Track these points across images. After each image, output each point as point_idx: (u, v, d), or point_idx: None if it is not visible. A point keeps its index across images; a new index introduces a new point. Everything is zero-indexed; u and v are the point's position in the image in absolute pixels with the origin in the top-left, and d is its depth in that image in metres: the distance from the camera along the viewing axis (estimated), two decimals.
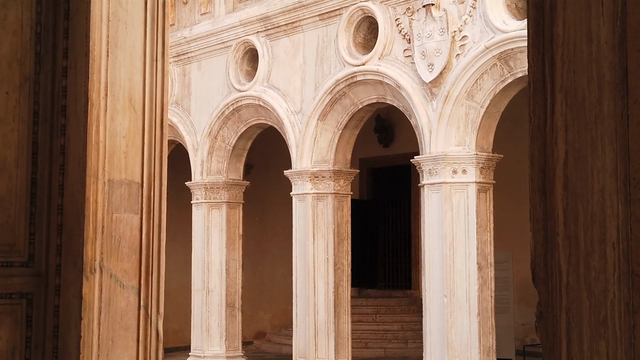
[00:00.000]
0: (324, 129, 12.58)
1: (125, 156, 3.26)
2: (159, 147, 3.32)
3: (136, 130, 3.29)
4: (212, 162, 14.50)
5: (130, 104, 3.27)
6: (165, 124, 3.35)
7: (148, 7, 3.32)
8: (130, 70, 3.28)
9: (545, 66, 1.77)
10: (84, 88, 3.20)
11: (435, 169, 10.90)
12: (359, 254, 15.90)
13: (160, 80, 3.32)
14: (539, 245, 1.80)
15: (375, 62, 11.65)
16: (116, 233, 3.23)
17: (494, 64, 10.47)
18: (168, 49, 3.33)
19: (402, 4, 11.41)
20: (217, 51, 14.20)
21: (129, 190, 3.26)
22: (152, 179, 3.31)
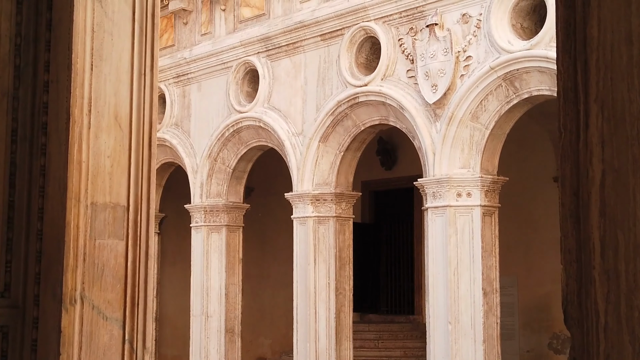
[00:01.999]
0: (326, 151, 12.36)
1: (110, 177, 3.01)
2: (147, 168, 3.07)
3: (122, 150, 3.05)
4: (212, 185, 14.27)
5: (116, 121, 3.03)
6: (153, 142, 3.11)
7: (136, 17, 3.08)
8: (116, 84, 3.04)
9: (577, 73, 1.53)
10: (65, 104, 2.96)
11: (439, 192, 10.66)
12: (361, 278, 15.63)
13: (149, 96, 3.08)
14: (571, 280, 1.55)
15: (377, 83, 11.45)
16: (99, 260, 2.98)
17: (499, 84, 10.26)
18: (157, 62, 3.09)
19: (405, 24, 11.22)
20: (218, 72, 14.02)
21: (113, 214, 3.02)
22: (139, 202, 3.06)
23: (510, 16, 10.19)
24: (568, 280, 1.57)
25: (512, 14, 10.19)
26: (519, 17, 10.26)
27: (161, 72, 14.99)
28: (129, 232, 3.06)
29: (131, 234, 3.07)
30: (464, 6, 10.57)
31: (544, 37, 9.73)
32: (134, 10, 3.09)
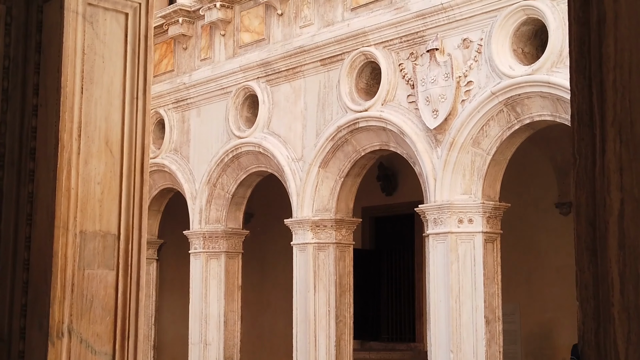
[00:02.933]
0: (326, 177, 12.25)
1: (100, 205, 2.90)
2: (139, 195, 2.96)
3: (113, 176, 2.94)
4: (211, 211, 14.15)
5: (107, 147, 2.92)
6: (146, 168, 2.99)
7: (129, 39, 2.98)
8: (108, 108, 2.94)
9: (593, 95, 1.42)
10: (54, 128, 2.85)
11: (440, 218, 10.54)
12: (362, 305, 15.46)
13: (142, 120, 2.98)
14: (588, 318, 1.43)
15: (378, 108, 11.36)
16: (88, 292, 2.86)
17: (500, 110, 10.17)
18: (150, 86, 2.99)
19: (406, 49, 11.16)
20: (217, 97, 13.95)
21: (103, 243, 2.90)
22: (130, 230, 2.94)
23: (511, 41, 10.12)
24: (585, 319, 1.45)
25: (513, 38, 10.13)
26: (520, 42, 10.20)
27: (160, 97, 14.93)
28: (120, 261, 2.95)
29: (122, 263, 2.95)
30: (465, 31, 10.51)
31: (546, 62, 9.65)
32: (126, 31, 3.00)
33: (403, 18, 11.08)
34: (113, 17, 2.98)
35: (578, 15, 1.43)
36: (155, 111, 15.11)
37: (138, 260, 3.00)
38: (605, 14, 1.42)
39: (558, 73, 9.55)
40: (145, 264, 3.00)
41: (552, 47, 9.61)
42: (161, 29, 15.05)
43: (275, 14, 13.10)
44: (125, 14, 3.00)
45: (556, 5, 9.64)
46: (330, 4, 12.24)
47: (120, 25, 3.00)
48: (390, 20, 11.22)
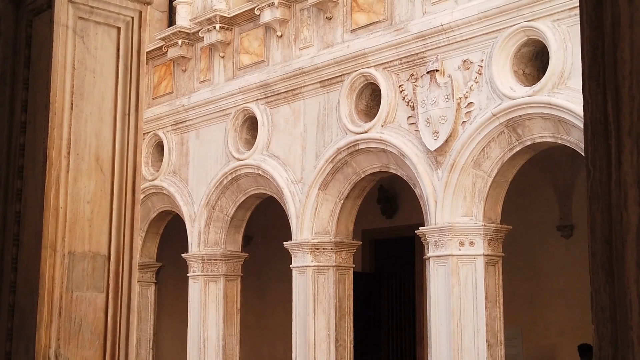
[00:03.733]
0: (325, 199, 12.14)
1: (90, 224, 2.79)
2: (130, 214, 2.86)
3: (103, 195, 2.83)
4: (210, 233, 14.03)
5: (97, 164, 2.82)
6: (137, 187, 2.89)
7: (120, 54, 2.89)
8: (98, 125, 2.84)
9: (607, 103, 1.33)
10: (42, 145, 2.75)
11: (441, 240, 10.42)
12: (362, 329, 15.30)
13: (133, 137, 2.88)
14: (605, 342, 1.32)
15: (378, 130, 11.28)
16: (76, 315, 2.74)
17: (501, 131, 10.09)
18: (143, 102, 2.89)
19: (406, 70, 11.09)
20: (216, 119, 13.88)
21: (93, 264, 2.79)
22: (121, 251, 2.83)
23: (512, 62, 10.05)
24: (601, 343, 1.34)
25: (513, 60, 10.06)
26: (521, 64, 10.13)
27: (159, 119, 14.87)
28: (110, 283, 2.84)
29: (112, 285, 2.84)
30: (465, 52, 10.45)
31: (547, 83, 9.58)
32: (118, 46, 2.91)
33: (403, 39, 11.03)
34: (105, 31, 2.90)
35: (591, 18, 1.33)
36: (154, 133, 15.04)
37: (129, 282, 2.88)
38: (620, 16, 1.32)
39: (559, 94, 9.47)
40: (137, 286, 2.89)
41: (553, 68, 9.54)
42: (160, 51, 15.03)
43: (274, 35, 13.06)
44: (117, 28, 2.91)
45: (557, 27, 9.58)
46: (330, 26, 12.20)
47: (112, 39, 2.91)
48: (390, 41, 11.17)
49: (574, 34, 9.48)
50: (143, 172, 15.20)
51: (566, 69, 9.50)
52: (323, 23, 12.31)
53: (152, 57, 15.41)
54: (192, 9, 14.63)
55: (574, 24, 9.47)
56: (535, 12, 9.76)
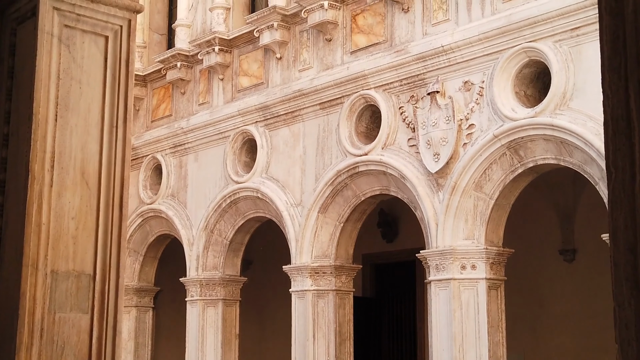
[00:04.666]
0: (325, 222, 12.00)
1: (74, 242, 2.65)
2: (117, 231, 2.72)
3: (89, 210, 2.70)
4: (208, 257, 13.88)
5: (83, 179, 2.68)
6: (125, 203, 2.76)
7: (108, 63, 2.77)
8: (84, 137, 2.71)
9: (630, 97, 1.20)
10: (25, 158, 2.62)
11: (442, 264, 10.27)
12: (362, 354, 15.09)
13: (121, 151, 2.75)
14: None
15: (378, 152, 11.16)
16: (59, 337, 2.60)
17: (503, 153, 9.97)
18: (131, 114, 2.76)
19: (406, 92, 11.00)
20: (215, 142, 13.78)
21: (77, 283, 2.65)
22: (107, 270, 2.69)
23: (513, 83, 9.96)
24: None
25: (515, 81, 9.96)
26: (523, 85, 10.03)
27: (158, 142, 14.77)
28: (95, 304, 2.69)
29: (97, 306, 2.69)
30: (466, 74, 10.35)
31: (549, 104, 9.47)
32: (106, 55, 2.78)
33: (403, 61, 10.94)
34: (92, 40, 2.78)
35: (610, 5, 1.21)
36: (153, 156, 14.94)
37: (115, 303, 2.74)
38: None
39: (562, 115, 9.36)
40: (124, 307, 2.74)
41: (555, 89, 9.44)
42: (159, 73, 14.96)
43: (274, 57, 12.98)
44: (105, 37, 2.80)
45: (558, 47, 9.49)
46: (330, 48, 12.12)
47: (100, 48, 2.79)
48: (390, 63, 11.08)
49: (575, 54, 9.39)
50: (141, 195, 15.07)
51: (568, 89, 9.39)
52: (323, 45, 12.23)
53: (151, 79, 15.35)
54: (192, 31, 14.57)
55: (576, 44, 9.39)
56: (536, 33, 9.68)
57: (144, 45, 15.67)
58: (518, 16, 9.81)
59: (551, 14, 9.50)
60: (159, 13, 15.98)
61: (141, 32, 15.71)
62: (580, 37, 9.35)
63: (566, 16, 9.39)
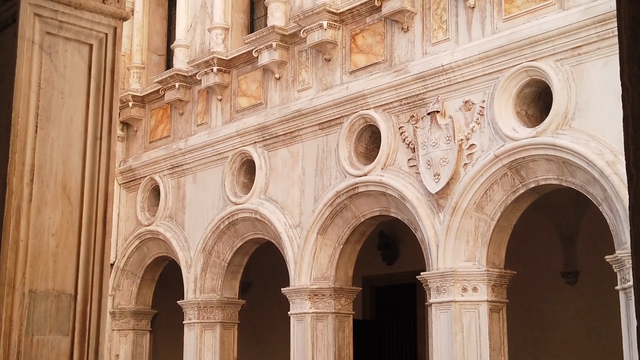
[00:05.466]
0: (324, 244, 11.85)
1: (54, 259, 2.51)
2: (100, 249, 2.57)
3: (70, 227, 2.56)
4: (206, 279, 13.71)
5: (64, 193, 2.55)
6: (109, 218, 2.62)
7: (93, 73, 2.64)
8: (66, 150, 2.58)
9: None
10: (2, 172, 2.48)
11: (443, 286, 10.11)
12: None
13: (105, 164, 2.61)
14: None
15: (378, 173, 11.03)
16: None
17: (504, 173, 9.83)
18: (116, 126, 2.63)
19: (406, 112, 10.88)
20: (213, 162, 13.66)
21: (57, 304, 2.50)
22: (89, 290, 2.55)
23: (514, 103, 9.84)
24: None
25: (516, 100, 9.85)
26: (524, 104, 9.92)
27: (156, 164, 14.65)
28: (76, 326, 2.55)
29: (78, 328, 2.55)
30: (466, 93, 10.25)
31: (551, 124, 9.35)
32: (90, 64, 2.66)
33: (403, 80, 10.84)
34: (75, 48, 2.65)
35: None
36: (150, 177, 14.82)
37: (97, 324, 2.60)
38: None
39: (564, 135, 9.24)
40: (106, 329, 2.59)
41: (557, 109, 9.32)
42: (157, 94, 14.87)
43: (273, 77, 12.89)
44: (89, 45, 2.67)
45: (560, 66, 9.38)
46: (329, 67, 12.03)
47: (84, 57, 2.66)
48: (390, 82, 10.98)
49: (577, 73, 9.28)
50: (139, 217, 14.93)
51: (570, 109, 9.28)
52: (322, 65, 12.14)
53: (149, 100, 15.26)
54: (190, 52, 14.49)
55: (577, 63, 9.29)
56: (537, 52, 9.58)
57: (142, 66, 15.60)
58: (519, 35, 9.72)
59: (552, 33, 9.40)
60: (157, 34, 15.92)
61: (140, 53, 15.65)
62: (581, 56, 9.24)
63: (567, 35, 9.30)
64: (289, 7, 12.77)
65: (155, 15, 15.91)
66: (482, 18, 10.25)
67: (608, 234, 9.40)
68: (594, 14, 9.04)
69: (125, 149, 15.63)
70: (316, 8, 11.78)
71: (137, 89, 15.28)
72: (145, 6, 15.77)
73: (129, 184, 15.34)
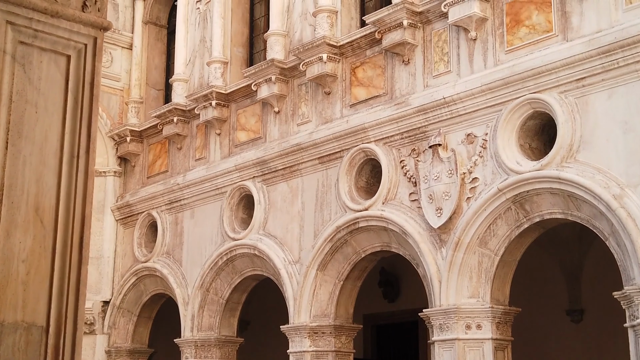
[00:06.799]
0: (324, 280, 11.60)
1: (25, 288, 2.29)
2: (75, 277, 2.35)
3: (43, 252, 2.34)
4: (204, 317, 13.43)
5: (37, 215, 2.33)
6: (85, 244, 2.40)
7: (70, 86, 2.44)
8: (40, 169, 2.37)
9: None
10: None
11: (446, 323, 9.84)
12: None
13: (82, 184, 2.40)
14: None
15: (378, 207, 10.82)
16: None
17: (508, 207, 9.62)
18: (95, 143, 2.43)
19: (407, 145, 10.70)
20: (212, 198, 13.45)
21: (26, 337, 2.28)
22: (62, 321, 2.32)
23: (517, 136, 9.66)
24: None
25: (519, 133, 9.67)
26: (527, 137, 9.74)
27: (153, 199, 14.45)
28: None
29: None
30: (469, 126, 10.07)
31: (555, 156, 9.15)
32: (67, 77, 2.46)
33: (404, 113, 10.67)
34: (51, 59, 2.46)
35: None
36: (148, 213, 14.61)
37: (72, 359, 2.36)
38: None
39: (569, 168, 9.04)
40: None
41: (562, 141, 9.13)
42: (155, 129, 14.72)
43: (272, 111, 12.73)
44: (66, 57, 2.48)
45: (564, 98, 9.21)
46: (329, 101, 11.88)
47: (60, 69, 2.47)
48: (391, 115, 10.82)
49: (582, 105, 9.11)
50: (136, 253, 14.69)
51: (575, 141, 9.09)
52: (321, 98, 11.99)
53: (147, 135, 15.11)
54: (189, 86, 14.37)
55: (582, 95, 9.12)
56: (540, 83, 9.41)
57: (140, 100, 15.48)
58: (521, 67, 9.56)
59: (556, 65, 9.25)
60: (156, 69, 15.81)
61: (138, 87, 15.54)
62: (586, 88, 9.08)
63: (571, 66, 9.14)
64: (288, 40, 12.66)
65: (154, 49, 15.81)
66: (484, 50, 10.11)
67: (613, 270, 9.18)
68: (598, 45, 8.89)
69: (122, 184, 15.45)
70: (316, 41, 11.65)
71: (135, 124, 15.14)
72: (144, 40, 15.68)
73: (126, 220, 15.13)
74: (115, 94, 15.63)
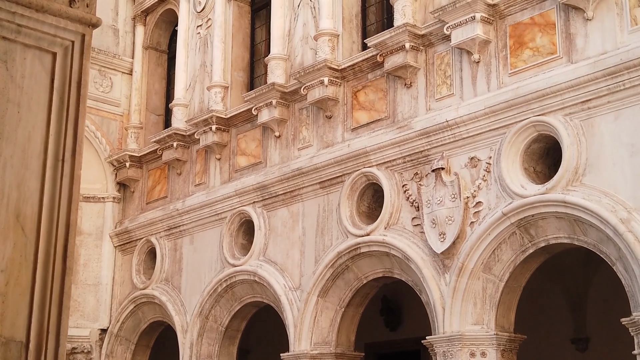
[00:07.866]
0: (325, 307, 11.39)
1: (3, 300, 2.12)
2: (59, 289, 2.18)
3: (24, 262, 2.17)
4: (203, 345, 13.20)
5: (17, 222, 2.17)
6: (70, 253, 2.23)
7: (56, 85, 2.29)
8: (21, 172, 2.20)
9: None
10: None
11: (450, 350, 9.63)
12: None
13: (67, 190, 2.24)
14: None
15: (380, 232, 10.64)
16: None
17: (512, 232, 9.44)
18: (82, 146, 2.27)
19: (410, 169, 10.54)
20: (211, 223, 13.28)
21: (5, 353, 2.10)
22: (44, 336, 2.14)
23: (522, 159, 9.50)
24: None
25: (523, 157, 9.51)
26: (532, 161, 9.58)
27: (152, 225, 14.27)
28: None
29: None
30: (472, 149, 9.92)
31: (560, 180, 8.99)
32: (53, 75, 2.30)
33: (406, 137, 10.53)
34: (36, 56, 2.31)
35: None
36: (147, 239, 14.43)
37: None
38: None
39: (574, 192, 8.87)
40: None
41: (567, 165, 8.97)
42: (155, 154, 14.58)
43: (272, 136, 12.59)
44: (52, 54, 2.33)
45: (569, 121, 9.07)
46: (330, 125, 11.74)
47: (46, 67, 2.32)
48: (393, 139, 10.67)
49: (587, 128, 8.96)
50: (134, 280, 14.48)
51: (581, 164, 8.93)
52: (323, 122, 11.86)
53: (146, 160, 14.97)
54: (189, 111, 14.25)
55: (587, 117, 8.98)
56: (545, 106, 9.27)
57: (140, 126, 15.36)
58: (525, 89, 9.43)
59: (560, 87, 9.11)
60: (156, 94, 15.71)
61: (138, 113, 15.43)
62: (591, 110, 8.93)
63: (576, 89, 9.00)
64: (289, 64, 12.55)
65: (154, 74, 15.72)
66: (487, 72, 9.99)
67: (618, 297, 8.99)
68: (603, 67, 8.76)
69: (121, 210, 15.27)
70: (317, 64, 11.54)
71: (135, 149, 15.00)
72: (144, 66, 15.59)
73: (124, 247, 14.94)
74: (115, 119, 15.52)
